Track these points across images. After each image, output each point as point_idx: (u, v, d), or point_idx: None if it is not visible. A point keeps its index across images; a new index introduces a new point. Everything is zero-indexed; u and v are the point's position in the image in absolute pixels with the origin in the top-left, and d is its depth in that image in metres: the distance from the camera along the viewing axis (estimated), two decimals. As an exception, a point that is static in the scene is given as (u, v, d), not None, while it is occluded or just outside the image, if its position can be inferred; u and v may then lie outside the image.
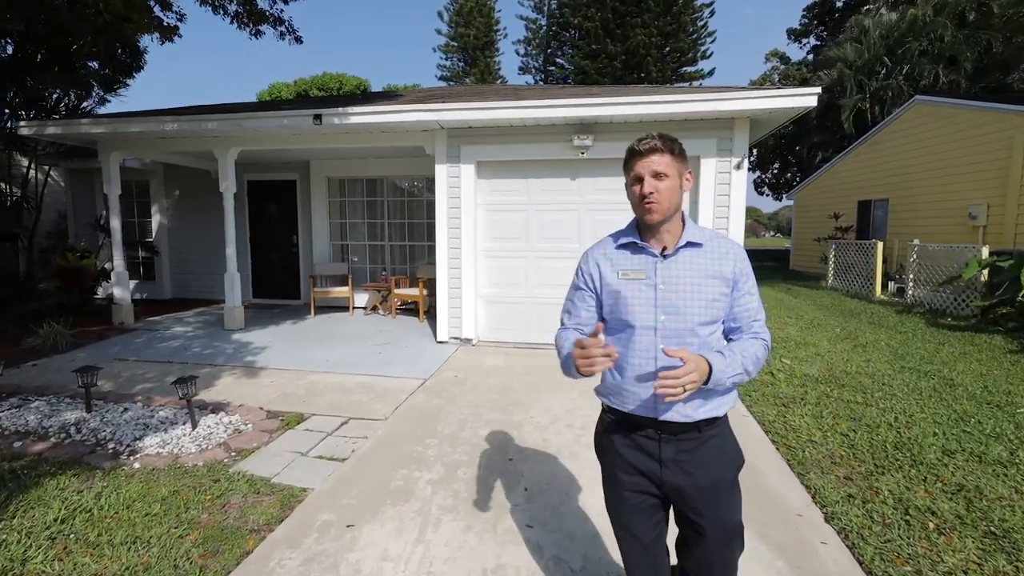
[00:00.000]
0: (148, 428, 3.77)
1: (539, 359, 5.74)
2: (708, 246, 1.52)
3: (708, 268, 1.50)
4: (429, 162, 6.85)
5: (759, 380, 4.98)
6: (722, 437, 1.54)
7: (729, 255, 1.51)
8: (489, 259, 6.35)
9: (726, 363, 1.41)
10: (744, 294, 1.50)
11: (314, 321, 7.85)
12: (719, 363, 1.39)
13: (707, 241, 1.53)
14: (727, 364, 1.41)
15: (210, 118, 6.12)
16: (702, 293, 1.48)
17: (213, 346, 6.28)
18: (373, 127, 6.13)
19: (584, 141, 5.67)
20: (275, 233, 9.43)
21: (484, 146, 6.07)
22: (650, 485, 1.55)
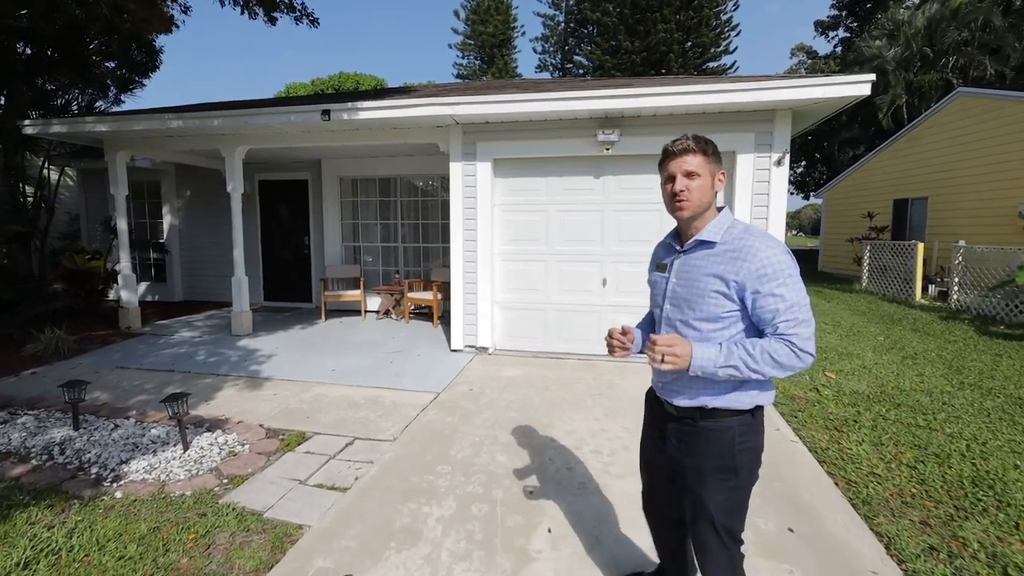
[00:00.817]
0: (137, 449, 3.47)
1: (560, 371, 5.35)
2: (723, 245, 1.56)
3: (711, 267, 1.55)
4: (443, 160, 6.50)
5: (803, 398, 4.52)
6: (721, 433, 1.58)
7: (747, 260, 1.50)
8: (506, 263, 5.97)
9: (714, 353, 1.46)
10: (765, 295, 1.47)
11: (324, 326, 7.56)
12: (703, 351, 1.47)
13: (726, 240, 1.56)
14: (716, 354, 1.46)
15: (215, 115, 5.84)
16: (701, 289, 1.56)
17: (218, 353, 6.01)
18: (384, 123, 5.80)
19: (609, 136, 5.26)
20: (287, 234, 9.18)
21: (501, 142, 5.69)
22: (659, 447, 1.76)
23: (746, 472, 1.59)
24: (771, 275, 1.47)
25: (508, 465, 3.34)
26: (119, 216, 7.13)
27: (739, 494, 1.61)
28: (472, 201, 5.82)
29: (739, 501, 1.62)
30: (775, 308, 1.46)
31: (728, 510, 1.60)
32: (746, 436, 1.57)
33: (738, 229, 1.58)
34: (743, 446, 1.57)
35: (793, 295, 1.46)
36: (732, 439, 1.56)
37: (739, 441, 1.56)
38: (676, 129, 5.25)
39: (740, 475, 1.58)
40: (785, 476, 3.17)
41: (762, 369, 1.44)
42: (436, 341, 6.62)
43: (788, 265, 1.49)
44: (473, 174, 5.78)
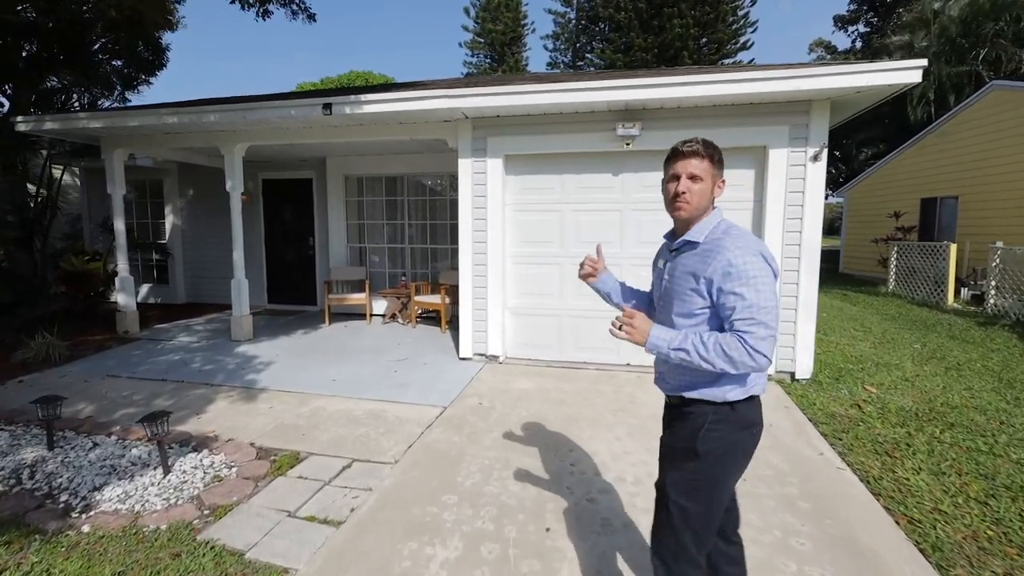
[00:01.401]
0: (114, 473, 3.16)
1: (577, 383, 4.98)
2: (704, 245, 1.61)
3: (690, 266, 1.62)
4: (452, 157, 6.16)
5: (844, 416, 4.12)
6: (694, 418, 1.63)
7: (715, 258, 1.54)
8: (518, 266, 5.62)
9: (670, 335, 1.54)
10: (727, 292, 1.51)
11: (328, 331, 7.25)
12: (659, 331, 1.55)
13: (707, 240, 1.61)
14: (671, 336, 1.54)
15: (211, 110, 5.55)
16: (681, 287, 1.64)
17: (215, 360, 5.72)
18: (389, 117, 5.47)
19: (630, 130, 4.89)
20: (291, 235, 8.90)
21: (513, 137, 5.34)
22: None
23: (711, 461, 1.60)
24: (735, 275, 1.50)
25: (521, 495, 2.98)
26: (116, 216, 6.87)
27: (698, 479, 1.62)
28: (482, 200, 5.47)
29: (696, 486, 1.62)
30: (733, 306, 1.49)
31: (684, 491, 1.63)
32: (718, 426, 1.60)
33: (720, 230, 1.62)
34: (711, 434, 1.60)
35: (754, 296, 1.48)
36: (702, 424, 1.61)
37: (708, 427, 1.60)
38: (702, 123, 4.87)
39: (702, 460, 1.60)
40: (837, 512, 2.79)
41: (712, 360, 1.47)
42: (444, 348, 6.28)
43: (755, 267, 1.50)
44: (483, 171, 5.43)
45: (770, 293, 1.50)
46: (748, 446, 1.64)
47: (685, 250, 1.67)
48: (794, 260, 4.79)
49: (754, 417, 1.63)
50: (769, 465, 3.30)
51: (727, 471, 1.62)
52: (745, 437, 1.62)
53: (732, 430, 1.60)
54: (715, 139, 4.86)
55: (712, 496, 1.62)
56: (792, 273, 4.81)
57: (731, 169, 5.10)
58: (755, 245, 1.55)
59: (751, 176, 4.98)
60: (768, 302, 1.49)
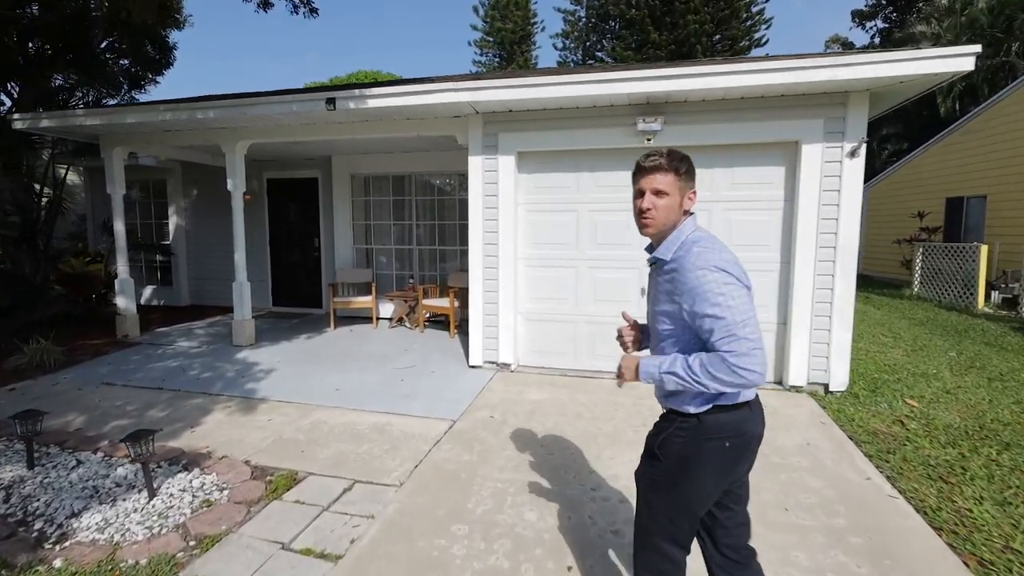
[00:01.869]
0: (95, 496, 2.91)
1: (594, 393, 4.69)
2: (671, 265, 1.60)
3: (663, 284, 1.63)
4: (462, 155, 5.89)
5: (888, 434, 3.79)
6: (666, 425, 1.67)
7: (681, 278, 1.54)
8: (531, 268, 5.33)
9: (658, 362, 1.57)
10: (700, 316, 1.50)
11: (333, 335, 7.00)
12: (647, 363, 1.60)
13: (673, 259, 1.60)
14: (660, 361, 1.57)
15: (210, 106, 5.31)
16: (658, 306, 1.66)
17: (214, 367, 5.48)
18: (395, 112, 5.20)
19: (651, 124, 4.58)
20: (296, 236, 8.67)
21: (526, 133, 5.05)
22: None
23: (668, 464, 1.63)
24: (701, 295, 1.49)
25: (538, 526, 2.70)
26: (116, 217, 6.67)
27: (657, 476, 1.66)
28: (493, 200, 5.19)
29: (657, 482, 1.66)
30: (710, 328, 1.48)
31: (647, 485, 1.70)
32: (680, 434, 1.62)
33: (685, 247, 1.59)
34: (672, 439, 1.63)
35: (727, 313, 1.46)
36: (666, 430, 1.65)
37: (672, 434, 1.63)
38: (727, 117, 4.56)
39: (660, 461, 1.64)
40: (895, 551, 2.47)
41: (703, 381, 1.47)
42: (453, 354, 6.00)
43: (715, 282, 1.48)
44: (495, 169, 5.15)
45: (742, 306, 1.46)
46: (717, 458, 1.59)
47: (658, 267, 1.68)
48: (828, 264, 4.46)
49: (728, 427, 1.58)
50: (812, 491, 2.99)
51: (688, 477, 1.60)
52: (712, 448, 1.58)
53: (695, 439, 1.59)
54: (742, 134, 4.51)
55: (673, 497, 1.63)
56: (826, 278, 4.48)
57: (758, 167, 4.80)
58: (715, 260, 1.50)
59: (781, 174, 4.65)
60: (742, 315, 1.45)
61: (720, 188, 4.79)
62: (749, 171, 4.72)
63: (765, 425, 1.67)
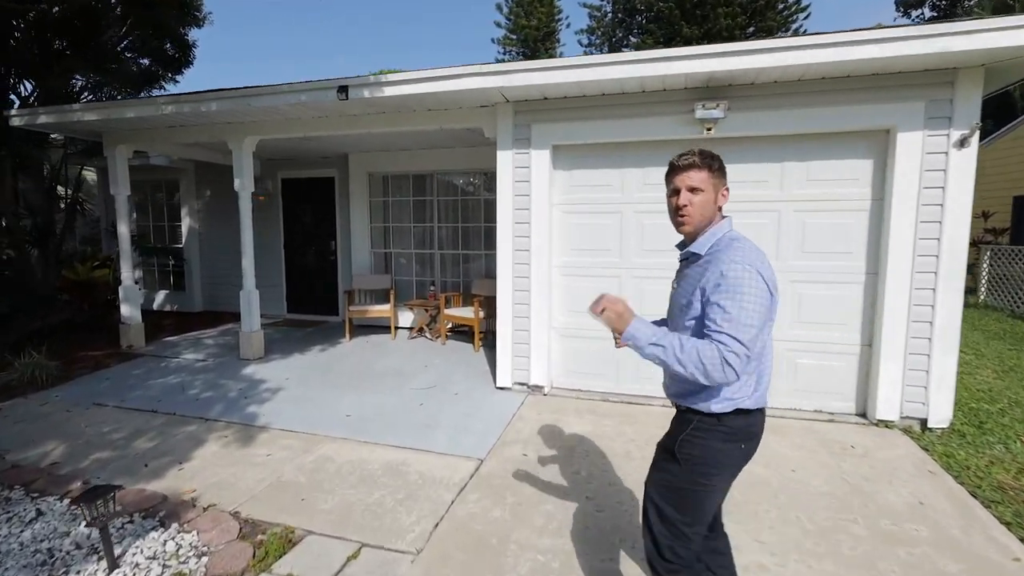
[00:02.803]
0: (46, 565, 2.38)
1: (643, 424, 4.03)
2: (706, 259, 1.60)
3: (693, 277, 1.61)
4: (489, 151, 5.29)
5: (1017, 488, 3.05)
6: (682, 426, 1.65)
7: (711, 267, 1.54)
8: (568, 278, 4.69)
9: (650, 331, 1.49)
10: (712, 303, 1.49)
11: (348, 347, 6.47)
12: (640, 324, 1.51)
13: (709, 253, 1.60)
14: (651, 332, 1.48)
15: (213, 97, 4.82)
16: (684, 297, 1.62)
17: (217, 385, 4.99)
18: (415, 101, 4.62)
19: (712, 111, 3.91)
20: (312, 239, 8.18)
21: (563, 124, 4.42)
22: None
23: (688, 467, 1.61)
24: (723, 287, 1.48)
25: (595, 625, 2.07)
26: (120, 219, 6.26)
27: (675, 481, 1.64)
28: (525, 200, 4.57)
29: (673, 487, 1.65)
30: (715, 317, 1.47)
31: (661, 490, 1.69)
32: (700, 434, 1.60)
33: (723, 243, 1.59)
34: (692, 440, 1.61)
35: (737, 311, 1.44)
36: (684, 430, 1.63)
37: (689, 433, 1.61)
38: (804, 100, 3.86)
39: (679, 464, 1.63)
40: None
41: (685, 363, 1.43)
42: (478, 372, 5.40)
43: (743, 282, 1.46)
44: (527, 165, 4.53)
45: (755, 312, 1.45)
46: (733, 459, 1.62)
47: (691, 261, 1.67)
48: (928, 276, 3.73)
49: (743, 431, 1.60)
50: (944, 575, 2.30)
51: (705, 478, 1.61)
52: (730, 449, 1.60)
53: (715, 440, 1.60)
54: (820, 121, 3.74)
55: (688, 500, 1.63)
56: (925, 292, 3.74)
57: (840, 160, 4.06)
58: (754, 260, 1.50)
59: (868, 168, 3.93)
60: (750, 320, 1.44)
61: (791, 185, 4.08)
62: (828, 165, 4.00)
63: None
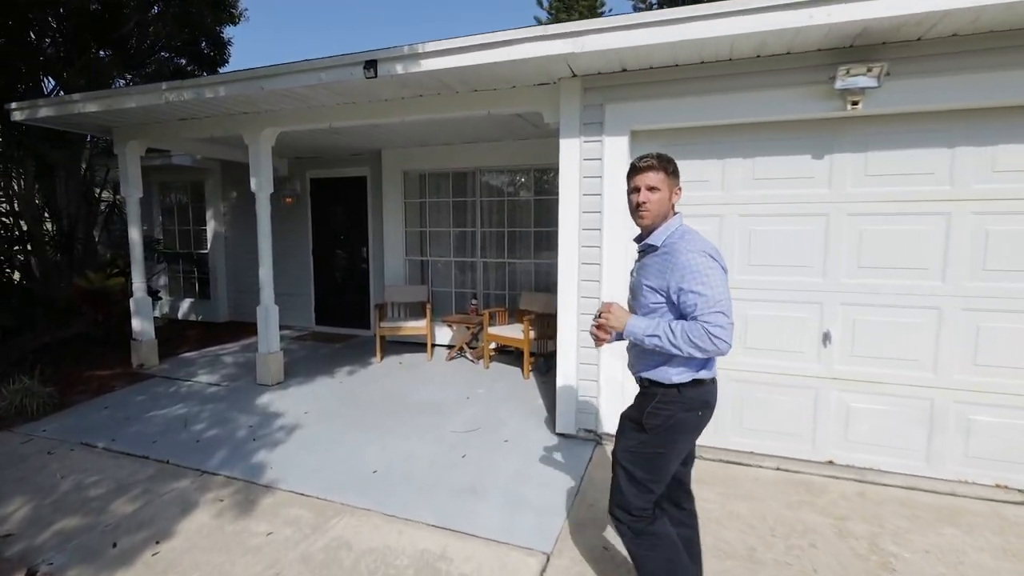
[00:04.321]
0: None
1: (758, 500, 3.03)
2: (663, 248, 1.83)
3: (652, 267, 1.85)
4: (541, 145, 4.42)
5: None
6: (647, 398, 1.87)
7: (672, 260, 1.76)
8: (647, 299, 3.72)
9: (645, 324, 1.76)
10: (687, 292, 1.70)
11: (378, 370, 5.66)
12: (636, 320, 1.78)
13: (665, 245, 1.83)
14: (646, 324, 1.75)
15: (220, 80, 4.08)
16: (646, 283, 1.85)
17: (225, 420, 4.24)
18: (457, 78, 3.74)
19: (860, 78, 2.87)
20: (342, 245, 7.45)
21: (646, 103, 3.46)
22: None
23: (655, 435, 1.82)
24: (690, 276, 1.70)
25: None
26: (131, 223, 5.64)
27: (642, 448, 1.86)
28: (594, 201, 3.63)
29: (640, 454, 1.86)
30: (694, 303, 1.68)
31: (630, 458, 1.88)
32: (664, 405, 1.81)
33: (676, 235, 1.83)
34: (657, 410, 1.82)
35: (710, 292, 1.67)
36: (649, 403, 1.84)
37: (655, 405, 1.82)
38: (991, 61, 2.78)
39: (647, 433, 1.84)
40: None
41: (680, 345, 1.65)
42: (530, 408, 4.49)
43: (705, 266, 1.70)
44: (598, 156, 3.59)
45: (722, 287, 1.69)
46: (692, 425, 1.84)
47: (648, 251, 1.89)
48: None
49: (699, 400, 1.82)
50: None
51: (669, 445, 1.83)
52: (690, 418, 1.82)
53: (677, 410, 1.80)
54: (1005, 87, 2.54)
55: (654, 464, 1.85)
56: None
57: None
58: (705, 247, 1.75)
59: (1085, 153, 2.80)
60: (722, 295, 1.68)
61: (968, 179, 2.99)
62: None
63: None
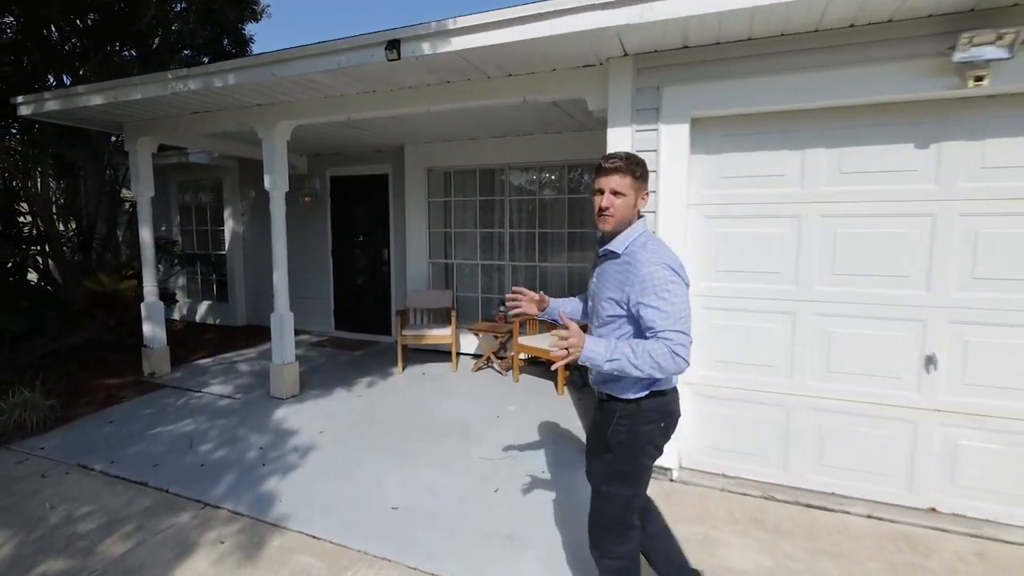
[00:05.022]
0: None
1: (850, 558, 2.52)
2: (624, 256, 1.74)
3: (612, 274, 1.77)
4: (578, 139, 3.96)
5: None
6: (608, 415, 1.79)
7: (633, 271, 1.67)
8: (710, 312, 3.22)
9: (603, 347, 1.60)
10: (646, 306, 1.62)
11: (400, 382, 5.27)
12: (593, 344, 1.60)
13: (626, 253, 1.73)
14: (604, 349, 1.60)
15: (230, 67, 3.71)
16: (606, 292, 1.77)
17: (235, 439, 3.88)
18: (491, 60, 3.30)
19: (987, 48, 2.35)
20: (363, 246, 7.09)
21: (711, 84, 2.97)
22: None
23: (622, 452, 1.75)
24: (649, 289, 1.61)
25: None
26: (142, 224, 5.35)
27: (615, 466, 1.78)
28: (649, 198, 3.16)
29: (615, 472, 1.79)
30: (653, 319, 1.60)
31: (603, 477, 1.82)
32: (626, 421, 1.75)
33: (639, 243, 1.73)
34: (619, 427, 1.75)
35: (671, 308, 1.59)
36: (611, 420, 1.77)
37: (616, 422, 1.76)
38: None
39: (614, 452, 1.77)
40: None
41: (642, 366, 1.56)
42: (566, 430, 4.03)
43: (665, 279, 1.61)
44: (652, 148, 3.11)
45: (683, 303, 1.61)
46: (656, 437, 1.76)
47: (609, 257, 1.80)
48: None
49: (660, 411, 1.76)
50: None
51: (638, 458, 1.77)
52: (653, 430, 1.75)
53: (637, 423, 1.74)
54: None
55: (629, 477, 1.79)
56: None
57: None
58: (666, 258, 1.66)
59: None
60: (683, 311, 1.60)
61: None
62: None
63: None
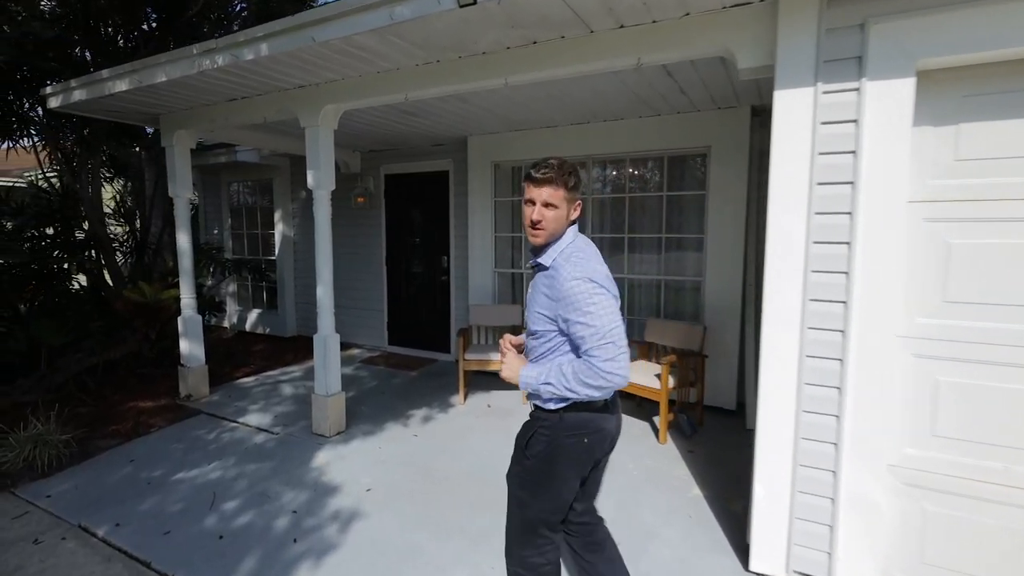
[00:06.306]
0: None
1: None
2: (550, 272, 1.69)
3: (541, 288, 1.71)
4: (681, 123, 3.01)
5: None
6: (532, 422, 1.75)
7: (556, 285, 1.63)
8: (935, 360, 2.16)
9: (536, 371, 1.66)
10: (573, 323, 1.58)
11: (462, 419, 4.42)
12: (527, 370, 1.69)
13: (555, 266, 1.68)
14: (538, 372, 1.65)
15: (260, 31, 2.94)
16: (534, 306, 1.73)
17: (264, 495, 3.14)
18: (598, 4, 2.37)
19: None
20: (420, 253, 6.33)
21: (950, 14, 1.92)
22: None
23: (539, 461, 1.70)
24: (573, 304, 1.57)
25: None
26: (179, 228, 4.78)
27: (529, 473, 1.73)
28: (839, 195, 2.14)
29: (528, 480, 1.74)
30: (581, 335, 1.57)
31: (519, 483, 1.77)
32: (544, 432, 1.69)
33: (563, 255, 1.68)
34: (537, 438, 1.71)
35: (597, 322, 1.55)
36: (533, 428, 1.73)
37: (537, 433, 1.71)
38: None
39: (531, 460, 1.72)
40: None
41: (574, 387, 1.57)
42: (686, 504, 3.04)
43: (588, 293, 1.57)
44: (851, 117, 2.09)
45: (609, 314, 1.56)
46: (577, 452, 1.69)
47: (539, 271, 1.76)
48: None
49: (583, 425, 1.67)
50: None
51: (555, 470, 1.69)
52: (572, 444, 1.68)
53: (557, 436, 1.68)
54: None
55: (544, 490, 1.71)
56: None
57: None
58: (587, 271, 1.60)
59: None
60: (610, 324, 1.55)
61: None
62: None
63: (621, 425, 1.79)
